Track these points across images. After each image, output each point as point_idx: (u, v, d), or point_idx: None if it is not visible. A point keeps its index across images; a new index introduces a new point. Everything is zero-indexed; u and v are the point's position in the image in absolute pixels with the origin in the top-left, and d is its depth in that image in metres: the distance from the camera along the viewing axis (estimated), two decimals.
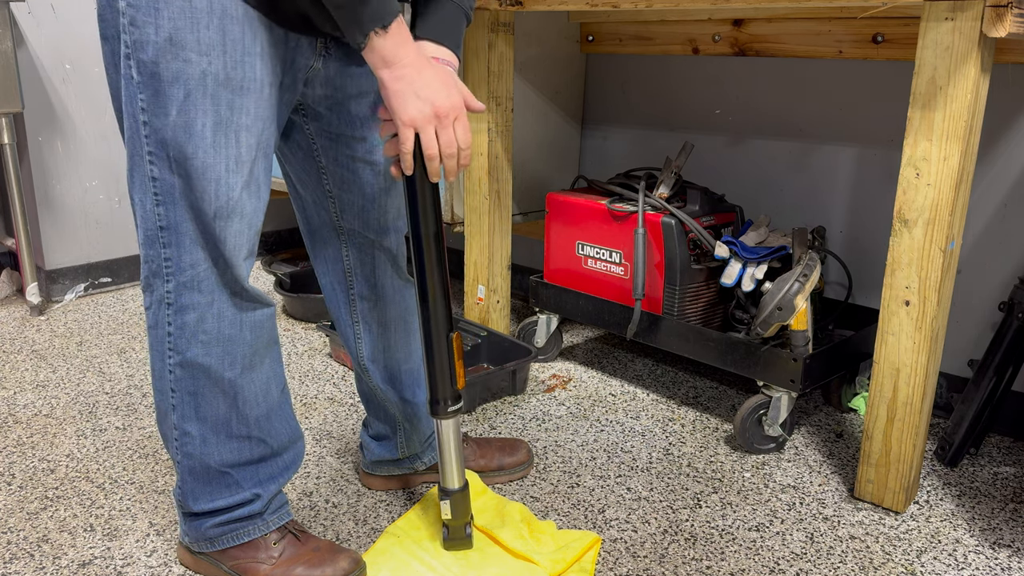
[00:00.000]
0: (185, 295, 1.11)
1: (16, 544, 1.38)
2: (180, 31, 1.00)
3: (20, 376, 2.03)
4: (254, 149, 1.09)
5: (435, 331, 1.23)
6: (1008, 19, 1.22)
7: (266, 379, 1.22)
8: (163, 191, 1.07)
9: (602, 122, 2.42)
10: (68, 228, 2.57)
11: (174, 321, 1.13)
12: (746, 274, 1.72)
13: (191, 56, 1.01)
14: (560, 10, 1.77)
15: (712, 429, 1.80)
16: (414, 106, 1.06)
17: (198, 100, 1.03)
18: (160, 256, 1.10)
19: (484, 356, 2.06)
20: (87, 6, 2.48)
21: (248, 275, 1.15)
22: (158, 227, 1.09)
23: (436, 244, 1.20)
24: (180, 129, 1.03)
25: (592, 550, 1.36)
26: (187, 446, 1.20)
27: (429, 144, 1.10)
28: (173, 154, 1.05)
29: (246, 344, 1.17)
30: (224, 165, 1.06)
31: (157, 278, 1.12)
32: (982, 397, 1.62)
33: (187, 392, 1.17)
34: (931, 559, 1.38)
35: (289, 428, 1.28)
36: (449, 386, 1.25)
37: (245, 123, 1.06)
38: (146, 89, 1.02)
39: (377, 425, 1.49)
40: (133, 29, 1.00)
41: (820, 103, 1.98)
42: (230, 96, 1.04)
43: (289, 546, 1.26)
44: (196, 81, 1.02)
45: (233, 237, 1.10)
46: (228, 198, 1.08)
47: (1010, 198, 1.74)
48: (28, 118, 2.42)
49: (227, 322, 1.14)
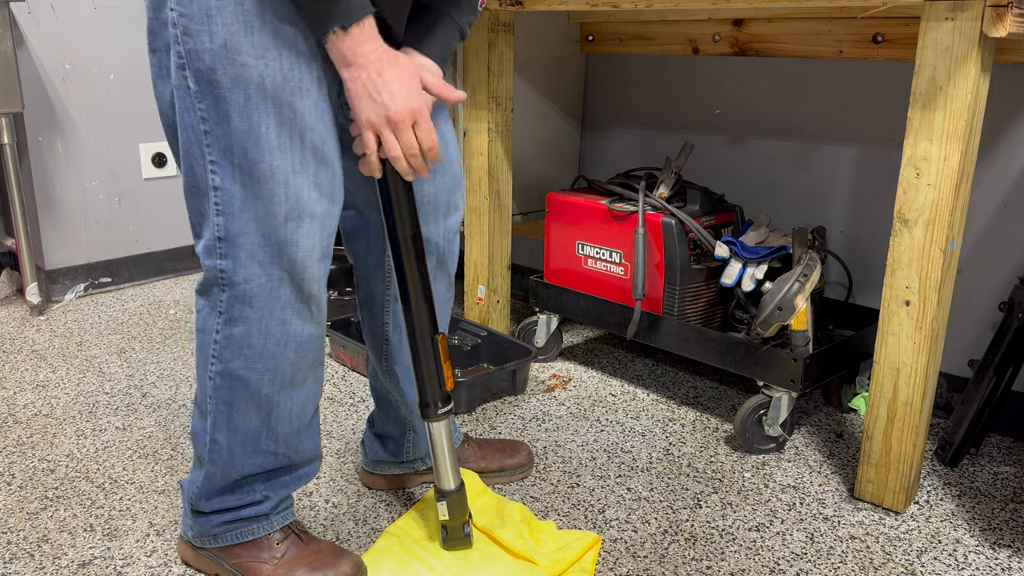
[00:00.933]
0: (237, 308, 1.11)
1: (16, 544, 1.38)
2: (234, 36, 1.00)
3: (20, 376, 2.03)
4: (320, 150, 1.09)
5: (419, 334, 1.23)
6: (1008, 19, 1.22)
7: (304, 399, 1.22)
8: (224, 201, 1.06)
9: (602, 122, 2.42)
10: (68, 228, 2.57)
11: (222, 331, 1.13)
12: (746, 274, 1.72)
13: (248, 60, 1.01)
14: (560, 10, 1.78)
15: (712, 429, 1.80)
16: (370, 108, 1.07)
17: (259, 104, 1.03)
18: (216, 267, 1.10)
19: (484, 356, 2.06)
20: (87, 6, 2.48)
21: (321, 280, 1.14)
22: (216, 237, 1.08)
23: (414, 246, 1.20)
24: (244, 135, 1.03)
25: (592, 550, 1.36)
26: (214, 454, 1.20)
27: (389, 146, 1.10)
28: (238, 161, 1.04)
29: (288, 363, 1.16)
30: (291, 167, 1.06)
31: (213, 286, 1.12)
32: (982, 397, 1.62)
33: (223, 401, 1.17)
34: (931, 559, 1.38)
35: (314, 446, 1.28)
36: (438, 388, 1.26)
37: (309, 123, 1.06)
38: (205, 98, 1.02)
39: (385, 425, 1.49)
40: (187, 39, 1.00)
41: (820, 103, 1.98)
42: (290, 97, 1.04)
43: (292, 547, 1.26)
44: (255, 85, 1.02)
45: (306, 239, 1.09)
46: (298, 199, 1.07)
47: (1010, 198, 1.74)
48: (28, 118, 2.42)
49: (273, 340, 1.13)
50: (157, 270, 2.79)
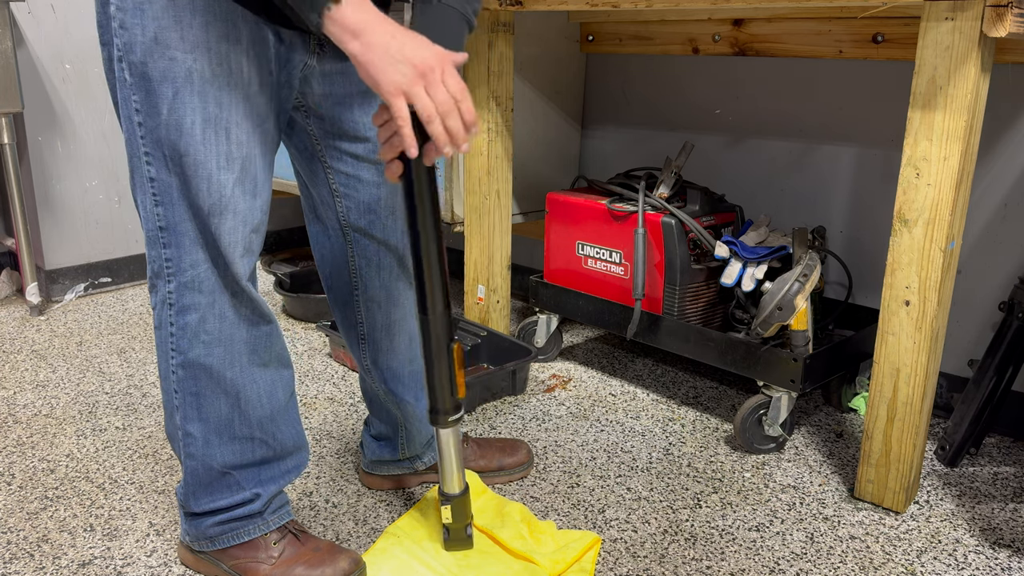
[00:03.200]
0: (187, 295, 1.11)
1: (16, 544, 1.38)
2: (165, 30, 1.00)
3: (20, 376, 2.03)
4: (245, 146, 1.08)
5: (435, 342, 1.21)
6: (1008, 19, 1.22)
7: (271, 380, 1.22)
8: (161, 191, 1.07)
9: (602, 122, 2.42)
10: (68, 228, 2.57)
11: (176, 321, 1.13)
12: (746, 274, 1.72)
13: (176, 55, 1.01)
14: (560, 10, 1.78)
15: (712, 429, 1.80)
16: (394, 70, 0.98)
17: (186, 98, 1.03)
18: (161, 256, 1.10)
19: (484, 356, 2.06)
20: (87, 6, 2.48)
21: (247, 275, 1.14)
22: (158, 227, 1.09)
23: (436, 250, 1.17)
24: (172, 128, 1.04)
25: (592, 550, 1.36)
26: (190, 447, 1.20)
27: (423, 105, 1.00)
28: (168, 153, 1.05)
29: (245, 343, 1.17)
30: (215, 162, 1.06)
31: (159, 279, 1.12)
32: (982, 397, 1.62)
33: (189, 392, 1.17)
34: (931, 559, 1.38)
35: (295, 434, 1.28)
36: (449, 396, 1.24)
37: (235, 119, 1.06)
38: (139, 90, 1.03)
39: (379, 425, 1.49)
40: (122, 32, 1.01)
41: (820, 103, 1.98)
42: (217, 93, 1.04)
43: (289, 546, 1.26)
44: (183, 79, 1.02)
45: (227, 234, 1.10)
46: (220, 195, 1.08)
47: (1010, 198, 1.74)
48: (28, 118, 2.42)
49: (229, 322, 1.14)
50: None
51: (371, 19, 0.98)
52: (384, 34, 0.98)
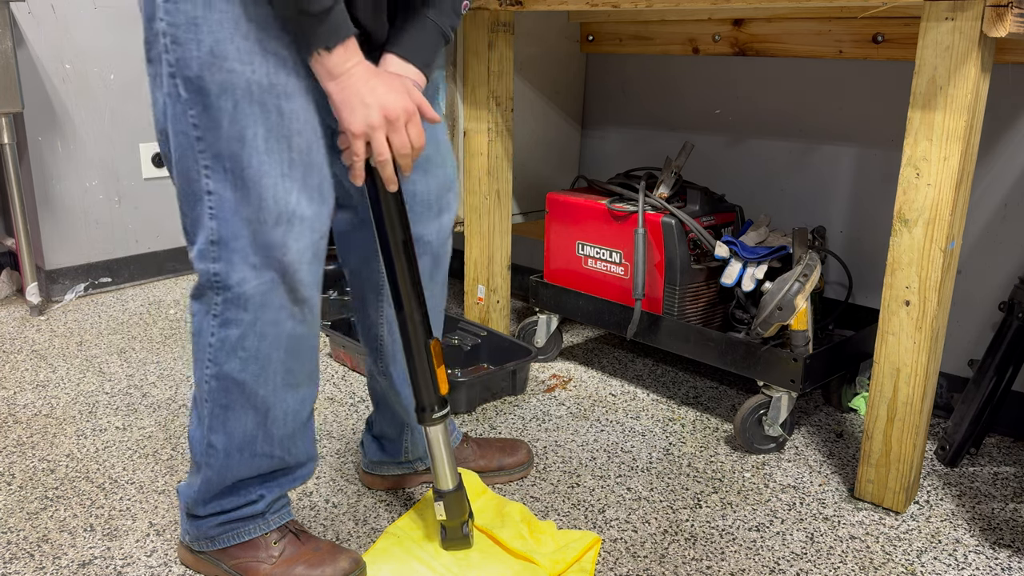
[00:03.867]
0: (231, 311, 1.11)
1: (16, 544, 1.38)
2: (220, 43, 1.01)
3: (20, 376, 2.03)
4: (307, 153, 1.09)
5: (414, 339, 1.24)
6: (1008, 19, 1.22)
7: (300, 401, 1.22)
8: (217, 205, 1.08)
9: (602, 122, 2.42)
10: (68, 228, 2.57)
11: (216, 333, 1.13)
12: (746, 274, 1.72)
13: (234, 66, 1.02)
14: (560, 10, 1.78)
15: (712, 429, 1.80)
16: (361, 114, 1.07)
17: (246, 109, 1.04)
18: (209, 271, 1.10)
19: (484, 356, 2.06)
20: (87, 6, 2.48)
21: (313, 282, 1.15)
22: (209, 241, 1.09)
23: (406, 251, 1.21)
24: (233, 140, 1.05)
25: (592, 550, 1.36)
26: (210, 458, 1.20)
27: (380, 150, 1.10)
28: (228, 165, 1.06)
29: (282, 364, 1.17)
30: (279, 170, 1.07)
31: (208, 290, 1.12)
32: (982, 397, 1.62)
33: (219, 405, 1.17)
34: (931, 559, 1.38)
35: (308, 448, 1.29)
36: (433, 393, 1.26)
37: (296, 127, 1.07)
38: (195, 104, 1.04)
39: (383, 426, 1.49)
40: (176, 47, 1.02)
41: (820, 103, 1.98)
42: (276, 102, 1.05)
43: (289, 546, 1.26)
44: (242, 90, 1.03)
45: (295, 241, 1.10)
46: (287, 203, 1.08)
47: (1010, 198, 1.74)
48: (28, 118, 2.42)
49: (267, 342, 1.14)
50: (157, 270, 2.79)
51: (352, 67, 1.06)
52: (359, 80, 1.06)
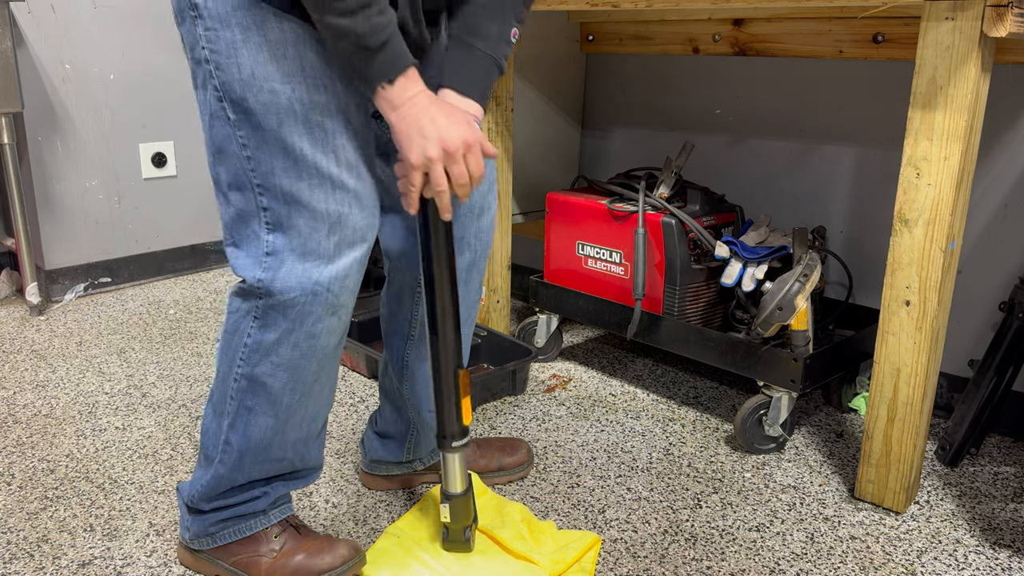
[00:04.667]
0: (272, 315, 1.13)
1: (16, 544, 1.38)
2: (261, 64, 1.03)
3: (20, 376, 2.03)
4: (355, 166, 1.11)
5: (444, 367, 1.24)
6: (1008, 19, 1.22)
7: (318, 406, 1.23)
8: (273, 221, 1.10)
9: (602, 122, 2.42)
10: (68, 228, 2.57)
11: (254, 335, 1.14)
12: (746, 274, 1.72)
13: (275, 86, 1.04)
14: (560, 10, 1.78)
15: (712, 429, 1.80)
16: (419, 145, 1.07)
17: (291, 126, 1.06)
18: (257, 279, 1.12)
19: (484, 356, 2.06)
20: (87, 6, 2.48)
21: (354, 290, 1.16)
22: (264, 253, 1.11)
23: (449, 281, 1.21)
24: (282, 156, 1.07)
25: (592, 550, 1.36)
26: (224, 455, 1.21)
27: (437, 181, 1.10)
28: (279, 182, 1.08)
29: (311, 374, 1.18)
30: (329, 183, 1.09)
31: (252, 294, 1.13)
32: (982, 397, 1.62)
33: (244, 405, 1.18)
34: (931, 559, 1.38)
35: (318, 455, 1.30)
36: (455, 423, 1.27)
37: (340, 142, 1.09)
38: (243, 126, 1.06)
39: (387, 424, 1.50)
40: (219, 72, 1.04)
41: (820, 103, 1.98)
42: (319, 117, 1.07)
43: (289, 539, 1.28)
44: (286, 109, 1.05)
45: (348, 249, 1.12)
46: (339, 214, 1.10)
47: (1010, 198, 1.74)
48: (28, 118, 2.42)
49: (300, 352, 1.15)
50: (157, 270, 2.79)
51: (413, 96, 1.06)
52: (421, 111, 1.06)
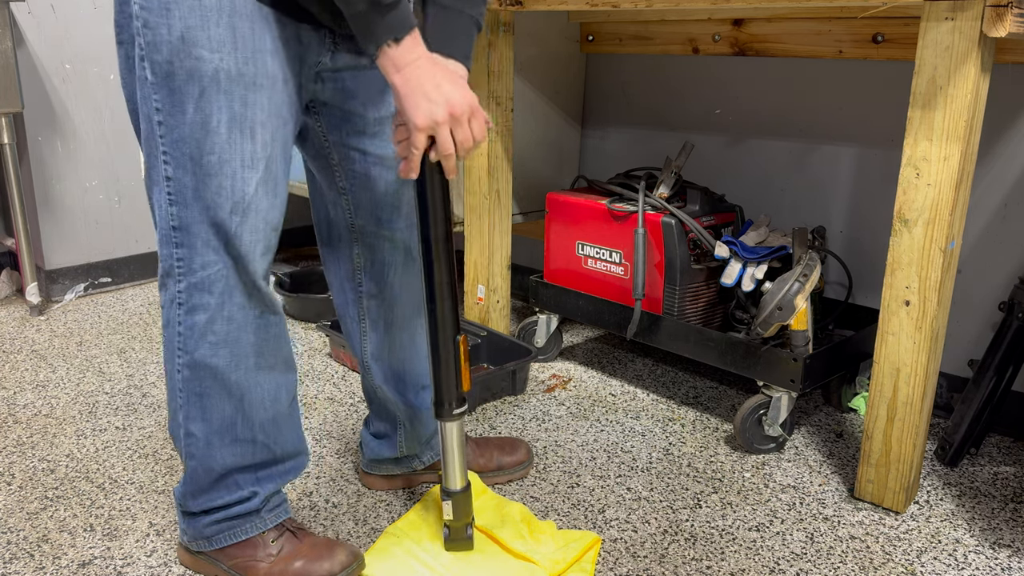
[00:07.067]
0: (196, 296, 1.12)
1: (16, 544, 1.38)
2: (192, 29, 1.01)
3: (20, 376, 2.03)
4: (269, 145, 1.10)
5: (442, 333, 1.24)
6: (1008, 19, 1.22)
7: (276, 385, 1.22)
8: (177, 191, 1.08)
9: (602, 122, 2.42)
10: (68, 228, 2.57)
11: (184, 321, 1.14)
12: (746, 274, 1.72)
13: (203, 53, 1.02)
14: (560, 10, 1.78)
15: (712, 429, 1.80)
16: (425, 108, 1.06)
17: (213, 96, 1.04)
18: (172, 256, 1.11)
19: (484, 356, 2.06)
20: (87, 6, 2.48)
21: (264, 273, 1.15)
22: (171, 226, 1.10)
23: (445, 246, 1.21)
24: (197, 126, 1.04)
25: (592, 550, 1.36)
26: (191, 447, 1.20)
27: (445, 144, 1.09)
28: (189, 152, 1.06)
29: (252, 346, 1.17)
30: (239, 160, 1.07)
31: (170, 278, 1.13)
32: (982, 397, 1.62)
33: (194, 393, 1.17)
34: (931, 559, 1.38)
35: (296, 439, 1.29)
36: (454, 389, 1.26)
37: (260, 119, 1.07)
38: (161, 89, 1.04)
39: (378, 423, 1.50)
40: (146, 31, 1.02)
41: (820, 103, 1.98)
42: (243, 92, 1.05)
43: (287, 543, 1.27)
44: (210, 78, 1.03)
45: (249, 233, 1.11)
46: (244, 193, 1.08)
47: (1010, 198, 1.74)
48: (28, 118, 2.42)
49: (236, 324, 1.15)
50: (157, 270, 2.79)
51: (417, 58, 1.05)
52: (424, 73, 1.05)
